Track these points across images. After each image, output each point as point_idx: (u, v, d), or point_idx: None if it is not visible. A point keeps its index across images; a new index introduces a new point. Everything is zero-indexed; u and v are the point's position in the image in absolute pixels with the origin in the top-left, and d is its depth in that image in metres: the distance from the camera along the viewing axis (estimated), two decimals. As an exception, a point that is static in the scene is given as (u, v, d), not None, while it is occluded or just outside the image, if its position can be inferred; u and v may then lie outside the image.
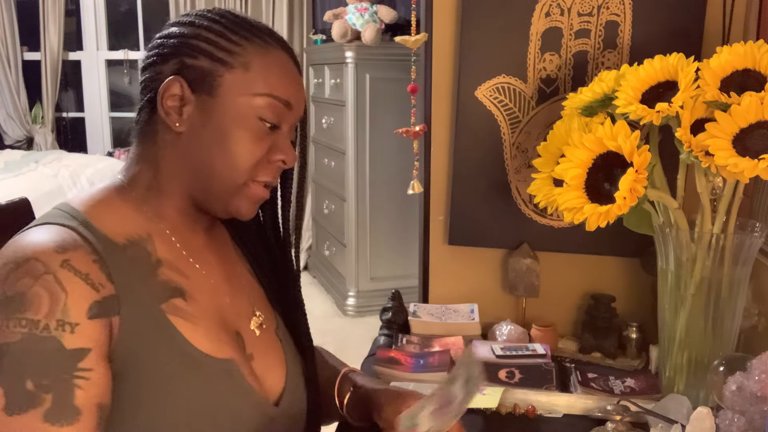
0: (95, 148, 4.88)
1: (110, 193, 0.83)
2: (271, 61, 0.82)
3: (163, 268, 0.80)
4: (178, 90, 0.79)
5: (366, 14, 3.32)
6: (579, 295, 1.38)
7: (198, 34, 0.81)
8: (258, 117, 0.80)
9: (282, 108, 0.82)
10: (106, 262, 0.74)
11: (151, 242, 0.81)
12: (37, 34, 4.56)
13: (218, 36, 0.80)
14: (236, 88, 0.80)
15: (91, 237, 0.75)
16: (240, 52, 0.80)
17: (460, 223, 1.37)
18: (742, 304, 1.06)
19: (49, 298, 0.69)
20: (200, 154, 0.81)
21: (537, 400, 1.09)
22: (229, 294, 0.88)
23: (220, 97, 0.80)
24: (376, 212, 3.47)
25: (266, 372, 0.87)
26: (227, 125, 0.80)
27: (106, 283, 0.73)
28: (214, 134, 0.80)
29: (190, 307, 0.80)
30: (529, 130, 1.32)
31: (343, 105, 3.40)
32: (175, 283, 0.81)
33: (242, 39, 0.81)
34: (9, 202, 1.11)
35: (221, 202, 0.83)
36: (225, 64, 0.80)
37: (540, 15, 1.27)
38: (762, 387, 0.87)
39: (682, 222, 1.04)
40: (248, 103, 0.80)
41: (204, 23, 0.82)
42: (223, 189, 0.82)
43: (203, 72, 0.80)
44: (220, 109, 0.80)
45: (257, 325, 0.90)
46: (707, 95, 0.96)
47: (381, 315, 1.40)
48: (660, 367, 1.14)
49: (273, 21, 4.29)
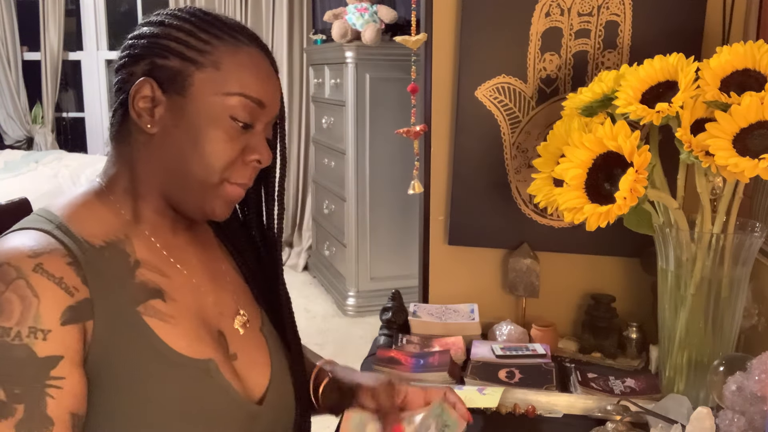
0: (95, 148, 4.88)
1: (89, 197, 0.82)
2: (242, 59, 0.81)
3: (142, 269, 0.80)
4: (148, 91, 0.79)
5: (366, 14, 3.32)
6: (579, 295, 1.38)
7: (168, 34, 0.80)
8: (230, 116, 0.80)
9: (254, 107, 0.81)
10: (81, 264, 0.73)
11: (130, 243, 0.80)
12: (37, 34, 4.56)
13: (188, 35, 0.80)
14: (207, 88, 0.79)
15: (66, 239, 0.74)
16: (210, 51, 0.79)
17: (460, 223, 1.37)
18: (742, 304, 1.06)
19: (20, 304, 0.68)
20: (173, 155, 0.80)
21: (537, 400, 1.09)
22: (212, 293, 0.87)
23: (192, 97, 0.79)
24: (376, 212, 3.47)
25: (250, 370, 0.87)
26: (199, 125, 0.79)
27: (80, 286, 0.72)
28: (186, 134, 0.79)
29: (168, 307, 0.80)
30: (529, 130, 1.32)
31: (343, 105, 3.40)
32: (154, 284, 0.80)
33: (213, 37, 0.80)
34: (9, 202, 1.11)
35: (196, 202, 0.82)
36: (195, 64, 0.79)
37: (540, 15, 1.28)
38: (762, 387, 0.87)
39: (682, 222, 1.04)
40: (220, 102, 0.79)
41: (174, 22, 0.81)
42: (197, 189, 0.81)
43: (174, 72, 0.79)
44: (191, 109, 0.79)
45: (241, 324, 0.89)
46: (707, 95, 0.97)
47: (381, 315, 1.40)
48: (660, 367, 1.14)
49: (273, 21, 4.29)
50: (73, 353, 0.70)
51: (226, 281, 0.92)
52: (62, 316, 0.70)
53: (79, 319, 0.71)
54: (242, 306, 0.91)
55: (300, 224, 4.48)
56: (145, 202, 0.83)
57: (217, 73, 0.79)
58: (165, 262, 0.83)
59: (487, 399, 1.08)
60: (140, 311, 0.77)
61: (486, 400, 1.07)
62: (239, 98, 0.80)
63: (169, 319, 0.79)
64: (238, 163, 0.82)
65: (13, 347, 0.67)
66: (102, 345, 0.73)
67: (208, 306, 0.86)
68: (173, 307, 0.80)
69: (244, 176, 0.83)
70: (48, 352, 0.68)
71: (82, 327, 0.72)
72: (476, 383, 1.15)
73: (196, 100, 0.79)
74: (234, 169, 0.82)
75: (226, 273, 0.93)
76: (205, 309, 0.85)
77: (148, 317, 0.77)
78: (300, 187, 4.44)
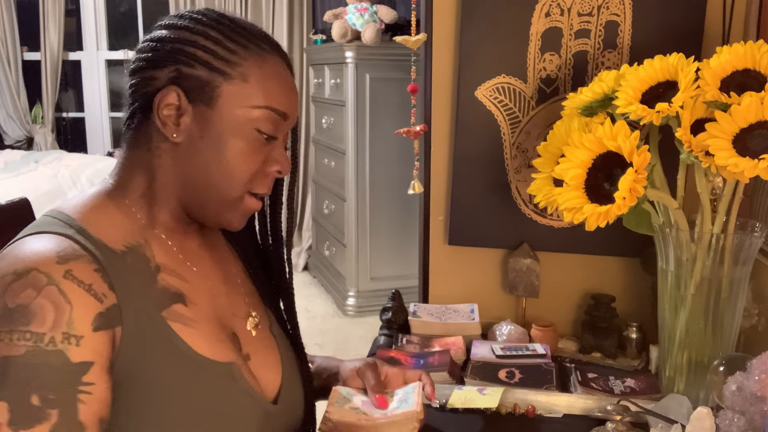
0: (95, 148, 4.88)
1: (102, 199, 0.81)
2: (267, 71, 0.81)
3: (163, 274, 0.80)
4: (175, 100, 0.78)
5: (366, 14, 3.32)
6: (579, 295, 1.38)
7: (194, 41, 0.79)
8: (255, 129, 0.80)
9: (279, 119, 0.81)
10: (107, 270, 0.73)
11: (149, 248, 0.80)
12: (37, 34, 4.56)
13: (215, 44, 0.79)
14: (234, 100, 0.79)
15: (89, 245, 0.74)
16: (238, 62, 0.79)
17: (460, 223, 1.37)
18: (742, 304, 1.06)
19: (53, 310, 0.68)
20: (197, 166, 0.80)
21: (537, 400, 1.09)
22: (225, 294, 0.88)
23: (218, 109, 0.78)
24: (376, 212, 3.47)
25: (263, 371, 0.88)
26: (225, 137, 0.79)
27: (108, 293, 0.72)
28: (211, 146, 0.79)
29: (190, 311, 0.80)
30: (529, 130, 1.32)
31: (343, 105, 3.40)
32: (175, 288, 0.80)
33: (240, 47, 0.79)
34: (9, 202, 1.11)
35: (215, 213, 0.83)
36: (223, 75, 0.78)
37: (540, 15, 1.27)
38: (762, 387, 0.87)
39: (682, 222, 1.04)
40: (246, 115, 0.79)
41: (200, 29, 0.80)
42: (219, 201, 0.81)
43: (201, 82, 0.78)
44: (217, 120, 0.79)
45: (253, 325, 0.90)
46: (707, 95, 0.97)
47: (381, 315, 1.40)
48: (660, 367, 1.14)
49: (273, 21, 4.29)
50: (103, 359, 0.71)
51: (237, 283, 0.92)
52: (93, 322, 0.70)
53: (109, 326, 0.72)
54: (252, 307, 0.92)
55: (300, 224, 4.48)
56: (162, 208, 0.82)
57: (244, 85, 0.79)
58: (182, 266, 0.83)
59: (487, 399, 1.08)
60: (165, 316, 0.77)
61: (486, 401, 1.07)
62: (266, 111, 0.80)
63: (191, 323, 0.79)
64: (260, 174, 0.82)
65: (47, 353, 0.67)
66: (131, 350, 0.73)
67: (222, 307, 0.86)
68: (194, 311, 0.81)
69: (264, 187, 0.84)
70: (81, 357, 0.69)
71: (112, 333, 0.72)
72: (476, 383, 1.15)
73: (223, 111, 0.79)
74: (256, 181, 0.82)
75: (237, 274, 0.94)
76: (220, 311, 0.86)
77: (173, 322, 0.78)
78: (300, 187, 4.45)
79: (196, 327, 0.80)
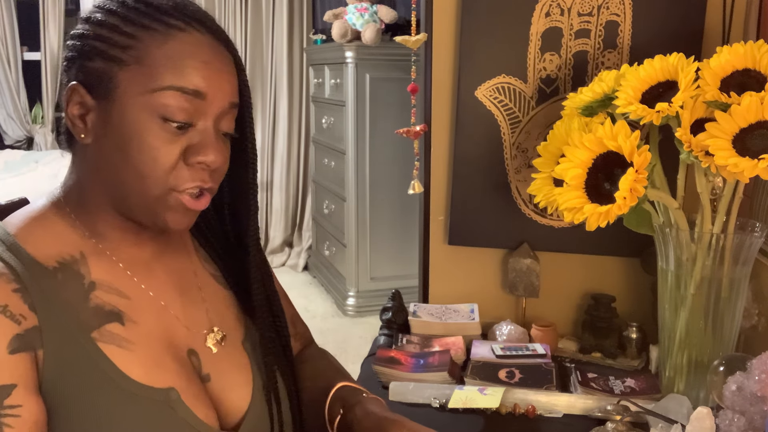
0: (95, 148, 4.87)
1: (47, 210, 0.77)
2: (172, 47, 0.70)
3: (97, 291, 0.74)
4: (77, 97, 0.72)
5: (366, 14, 3.32)
6: (579, 295, 1.38)
7: (93, 32, 0.72)
8: (161, 117, 0.70)
9: (191, 99, 0.71)
10: (30, 290, 0.69)
11: (85, 263, 0.74)
12: (37, 34, 4.56)
13: (111, 31, 0.71)
14: (132, 88, 0.70)
15: (15, 262, 0.70)
16: (133, 45, 0.70)
17: (460, 223, 1.37)
18: (742, 304, 1.06)
19: None
20: (107, 167, 0.73)
21: (537, 400, 1.09)
22: (180, 310, 0.81)
23: (118, 101, 0.70)
24: (376, 212, 3.47)
25: (227, 393, 0.81)
26: (127, 131, 0.70)
27: (28, 313, 0.68)
28: (115, 143, 0.71)
29: (127, 331, 0.74)
30: (529, 130, 1.32)
31: (343, 105, 3.40)
32: (111, 306, 0.74)
33: (138, 29, 0.71)
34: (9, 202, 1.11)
35: (148, 216, 0.74)
36: (118, 62, 0.70)
37: (540, 15, 1.27)
38: (762, 387, 0.87)
39: (682, 222, 1.04)
40: (146, 102, 0.70)
41: (98, 17, 0.73)
42: (141, 203, 0.73)
43: (99, 74, 0.71)
44: (117, 113, 0.71)
45: (215, 342, 0.82)
46: (707, 95, 0.97)
47: (381, 315, 1.40)
48: (660, 367, 1.14)
49: (273, 21, 4.29)
50: (27, 380, 0.67)
51: (201, 295, 0.85)
52: (9, 345, 0.66)
53: (29, 348, 0.68)
54: (219, 320, 0.84)
55: (300, 224, 4.48)
56: (98, 217, 0.76)
57: (140, 68, 0.70)
58: (126, 282, 0.77)
59: (488, 399, 1.08)
60: (95, 337, 0.72)
61: (487, 401, 1.07)
62: (169, 92, 0.70)
63: (126, 345, 0.73)
64: (181, 168, 0.72)
65: None
66: (53, 374, 0.69)
67: (174, 325, 0.79)
68: (133, 331, 0.75)
69: (194, 181, 0.73)
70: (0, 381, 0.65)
71: (33, 355, 0.68)
72: (476, 383, 1.15)
73: (122, 103, 0.70)
74: (178, 176, 0.72)
75: (203, 284, 0.86)
76: (171, 329, 0.79)
77: (104, 343, 0.72)
78: (300, 187, 4.45)
79: (132, 349, 0.73)
